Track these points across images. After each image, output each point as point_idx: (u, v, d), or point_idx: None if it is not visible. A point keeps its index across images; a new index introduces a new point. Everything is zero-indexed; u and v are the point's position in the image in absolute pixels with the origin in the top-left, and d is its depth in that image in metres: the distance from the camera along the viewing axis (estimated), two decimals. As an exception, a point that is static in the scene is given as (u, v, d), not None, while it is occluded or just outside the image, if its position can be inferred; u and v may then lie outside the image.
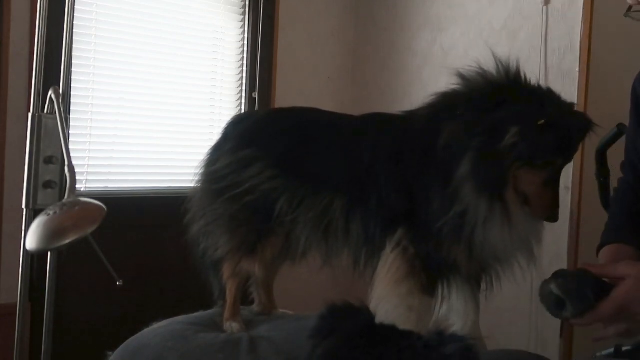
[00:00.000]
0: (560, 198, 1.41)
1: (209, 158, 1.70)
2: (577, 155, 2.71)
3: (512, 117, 1.32)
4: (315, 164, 1.56)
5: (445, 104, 1.44)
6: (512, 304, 2.61)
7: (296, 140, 1.60)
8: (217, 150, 1.68)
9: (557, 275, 1.28)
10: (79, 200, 1.75)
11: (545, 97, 1.38)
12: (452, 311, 1.53)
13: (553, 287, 1.26)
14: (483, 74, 1.41)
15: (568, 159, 1.40)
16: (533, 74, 1.47)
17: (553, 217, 1.40)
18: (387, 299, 1.43)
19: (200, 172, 1.71)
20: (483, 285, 1.51)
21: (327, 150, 1.56)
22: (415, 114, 1.51)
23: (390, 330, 0.97)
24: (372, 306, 1.45)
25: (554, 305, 1.26)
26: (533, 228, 1.44)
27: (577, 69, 2.75)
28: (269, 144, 1.61)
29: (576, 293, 1.24)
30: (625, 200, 1.58)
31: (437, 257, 1.42)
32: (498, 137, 1.32)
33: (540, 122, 1.30)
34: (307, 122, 1.65)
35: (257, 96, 3.33)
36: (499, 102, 1.35)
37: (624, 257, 1.42)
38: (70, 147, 1.83)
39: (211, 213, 1.64)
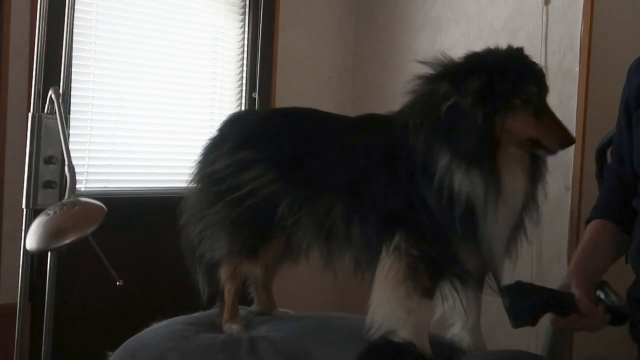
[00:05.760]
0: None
1: (205, 158, 1.68)
2: (577, 155, 2.71)
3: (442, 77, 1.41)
4: (315, 166, 1.55)
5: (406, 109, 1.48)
6: (512, 304, 2.60)
7: (296, 143, 1.59)
8: (214, 150, 1.66)
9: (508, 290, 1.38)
10: (79, 200, 1.75)
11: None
12: (453, 311, 1.53)
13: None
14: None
15: (529, 81, 1.41)
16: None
17: (569, 138, 1.39)
18: (386, 302, 1.43)
19: (196, 172, 1.69)
20: (491, 283, 1.51)
21: (326, 152, 1.56)
22: (398, 115, 1.51)
23: None
24: (371, 310, 1.45)
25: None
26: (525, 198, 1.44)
27: (577, 69, 2.75)
28: (268, 146, 1.59)
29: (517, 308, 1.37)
30: (610, 184, 1.66)
31: (442, 258, 1.41)
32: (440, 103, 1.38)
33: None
34: (306, 123, 1.64)
35: (257, 96, 3.33)
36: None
37: (604, 234, 1.56)
38: (70, 147, 1.83)
39: (210, 216, 1.62)
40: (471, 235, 1.37)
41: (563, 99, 2.72)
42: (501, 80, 1.36)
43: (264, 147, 1.59)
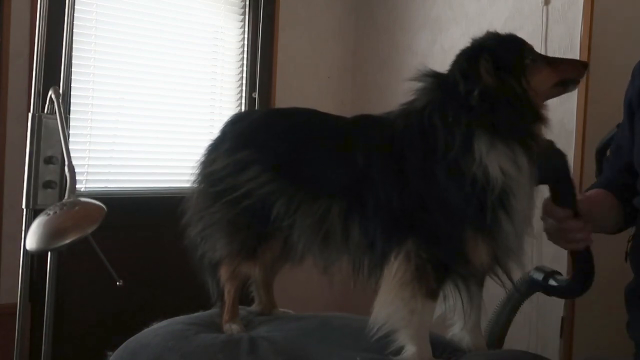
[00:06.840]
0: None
1: (206, 158, 1.68)
2: (577, 155, 2.71)
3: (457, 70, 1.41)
4: (312, 167, 1.54)
5: (421, 104, 1.45)
6: (512, 304, 2.60)
7: (293, 143, 1.58)
8: (214, 150, 1.66)
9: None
10: (79, 200, 1.75)
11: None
12: (453, 311, 1.53)
13: None
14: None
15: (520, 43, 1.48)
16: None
17: (583, 62, 1.53)
18: (390, 302, 1.42)
19: (197, 172, 1.69)
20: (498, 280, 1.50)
21: (323, 153, 1.55)
22: (400, 114, 1.49)
23: None
24: (375, 310, 1.44)
25: None
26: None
27: (577, 69, 2.74)
28: (265, 146, 1.59)
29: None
30: (609, 172, 1.72)
31: (452, 259, 1.40)
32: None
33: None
34: (303, 124, 1.63)
35: (257, 96, 3.33)
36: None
37: (604, 196, 1.61)
38: (70, 147, 1.83)
39: (209, 216, 1.62)
40: (496, 225, 1.37)
41: (563, 99, 2.70)
42: (503, 51, 1.42)
43: (261, 148, 1.58)
